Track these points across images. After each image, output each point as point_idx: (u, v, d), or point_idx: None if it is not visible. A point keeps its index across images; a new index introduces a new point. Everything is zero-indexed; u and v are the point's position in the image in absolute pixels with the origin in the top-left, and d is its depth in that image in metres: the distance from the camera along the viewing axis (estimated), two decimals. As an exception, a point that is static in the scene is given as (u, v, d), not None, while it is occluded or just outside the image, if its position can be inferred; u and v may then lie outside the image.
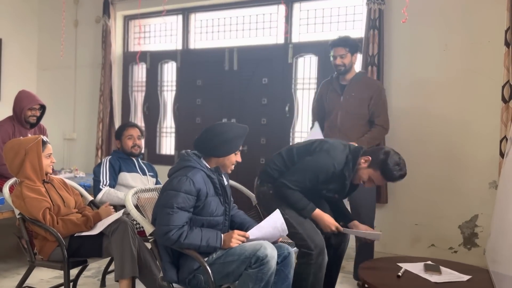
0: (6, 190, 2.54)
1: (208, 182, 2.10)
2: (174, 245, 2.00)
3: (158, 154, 4.84)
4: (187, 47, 4.65)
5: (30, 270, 2.50)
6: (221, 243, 2.03)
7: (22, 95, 3.48)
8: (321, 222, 2.34)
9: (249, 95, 4.33)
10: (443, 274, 2.10)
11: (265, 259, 1.94)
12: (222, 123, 2.21)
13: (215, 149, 2.12)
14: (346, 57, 3.01)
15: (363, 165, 2.30)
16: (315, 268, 2.26)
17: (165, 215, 1.98)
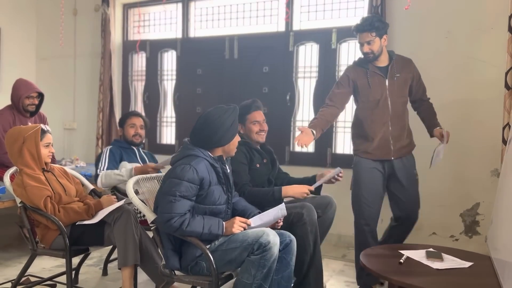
0: (7, 179, 2.54)
1: (211, 171, 2.10)
2: (176, 233, 2.00)
3: (158, 143, 4.82)
4: (187, 36, 4.62)
5: (32, 258, 2.50)
6: (223, 230, 2.03)
7: (19, 84, 3.46)
8: (292, 194, 2.43)
9: (249, 84, 4.30)
10: (445, 261, 2.10)
11: (268, 246, 1.94)
12: (215, 113, 2.15)
13: (219, 140, 2.13)
14: (374, 43, 2.67)
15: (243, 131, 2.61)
16: (310, 224, 2.31)
17: (167, 203, 1.98)
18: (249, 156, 2.53)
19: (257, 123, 2.61)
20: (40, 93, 3.50)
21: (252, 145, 2.59)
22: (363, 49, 2.74)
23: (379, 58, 2.78)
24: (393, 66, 2.78)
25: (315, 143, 4.10)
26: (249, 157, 2.52)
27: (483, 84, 3.37)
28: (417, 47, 3.58)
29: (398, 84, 2.77)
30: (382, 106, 2.77)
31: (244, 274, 1.98)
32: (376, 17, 2.80)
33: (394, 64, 2.78)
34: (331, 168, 3.07)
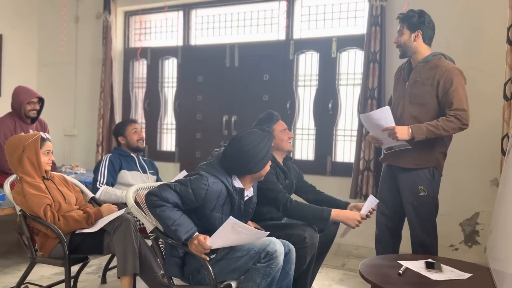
0: (7, 187, 2.54)
1: (224, 199, 2.05)
2: (149, 209, 2.00)
3: (158, 150, 4.83)
4: (188, 43, 4.64)
5: (31, 266, 2.50)
6: (188, 238, 1.95)
7: (19, 90, 3.47)
8: (344, 219, 2.30)
9: (250, 92, 4.32)
10: (444, 272, 2.09)
11: (274, 254, 1.95)
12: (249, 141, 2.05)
13: (253, 168, 2.08)
14: (403, 34, 2.59)
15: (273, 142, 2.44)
16: (311, 248, 2.27)
17: (166, 185, 2.00)
18: (275, 173, 2.47)
19: (284, 131, 2.55)
20: (40, 98, 3.52)
21: (278, 163, 2.53)
22: (394, 40, 2.69)
23: (414, 58, 2.64)
24: (416, 69, 2.60)
25: (314, 151, 4.12)
26: (275, 175, 2.47)
27: (482, 94, 3.38)
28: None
29: (417, 88, 2.57)
30: (395, 110, 2.65)
31: (248, 282, 1.98)
32: (416, 11, 2.64)
33: (419, 67, 2.59)
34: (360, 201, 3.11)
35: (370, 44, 3.66)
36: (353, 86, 3.98)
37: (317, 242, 2.30)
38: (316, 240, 2.29)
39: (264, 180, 2.37)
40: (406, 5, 3.25)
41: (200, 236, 1.94)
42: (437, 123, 2.46)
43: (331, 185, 3.78)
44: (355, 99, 3.94)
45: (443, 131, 2.46)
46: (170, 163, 4.63)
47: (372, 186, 3.66)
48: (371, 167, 3.67)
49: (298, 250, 2.20)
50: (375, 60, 3.64)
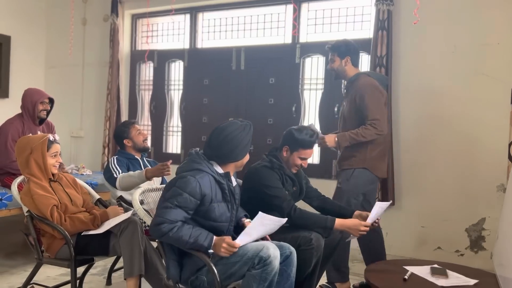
0: (15, 188, 2.56)
1: (215, 187, 2.08)
2: (163, 238, 1.99)
3: (164, 152, 4.85)
4: (194, 46, 4.66)
5: (38, 267, 2.51)
6: (210, 243, 1.98)
7: (31, 91, 3.51)
8: (347, 229, 2.34)
9: (256, 95, 4.33)
10: (450, 278, 2.08)
11: (268, 259, 1.94)
12: (228, 126, 2.12)
13: (232, 154, 2.11)
14: (334, 62, 2.98)
15: (286, 155, 2.53)
16: (316, 250, 2.27)
17: (163, 208, 1.99)
18: (281, 180, 2.48)
19: (303, 160, 2.54)
20: (51, 99, 3.56)
21: (286, 170, 2.54)
22: (328, 67, 3.08)
23: (346, 79, 3.03)
24: (346, 89, 3.06)
25: (320, 154, 4.11)
26: (281, 181, 2.48)
27: (489, 99, 3.38)
28: (423, 62, 3.60)
29: (346, 106, 2.99)
30: (339, 124, 3.10)
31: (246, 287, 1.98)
32: (342, 40, 3.05)
33: (348, 87, 3.03)
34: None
35: (376, 48, 3.65)
36: (359, 90, 3.97)
37: (322, 244, 2.30)
38: (322, 242, 2.29)
39: (269, 185, 2.37)
40: (415, 9, 3.25)
41: (226, 238, 1.98)
42: (357, 131, 2.85)
43: (336, 189, 3.78)
44: (361, 103, 3.93)
45: (362, 138, 2.83)
46: (176, 165, 4.62)
47: (378, 190, 3.65)
48: (377, 172, 3.65)
49: (304, 252, 2.20)
50: (382, 65, 3.64)
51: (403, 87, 3.67)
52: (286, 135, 2.57)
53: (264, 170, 2.46)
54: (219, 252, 1.98)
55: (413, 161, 3.64)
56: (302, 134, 2.51)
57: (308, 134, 2.50)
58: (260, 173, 2.45)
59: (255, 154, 4.35)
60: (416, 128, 3.63)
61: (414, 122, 3.63)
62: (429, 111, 3.58)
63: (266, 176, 2.43)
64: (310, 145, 2.53)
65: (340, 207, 2.62)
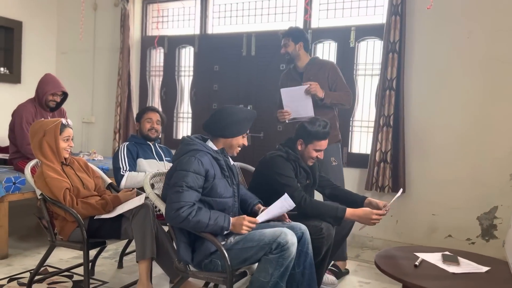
0: (28, 171, 2.60)
1: (214, 164, 2.12)
2: (183, 224, 1.99)
3: (174, 139, 4.86)
4: (205, 32, 4.63)
5: (51, 249, 2.55)
6: (229, 224, 2.03)
7: (48, 79, 3.49)
8: (358, 219, 2.34)
9: (266, 81, 4.30)
10: (461, 265, 2.07)
11: (286, 245, 1.96)
12: (231, 106, 2.24)
13: (223, 129, 2.16)
14: (289, 46, 3.17)
15: (301, 148, 2.55)
16: (327, 240, 2.28)
17: (175, 193, 1.99)
18: (295, 172, 2.49)
19: (319, 152, 2.55)
20: (65, 92, 3.55)
21: (300, 162, 2.54)
22: (281, 51, 3.23)
23: (298, 64, 3.21)
24: (306, 70, 3.18)
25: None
26: (295, 173, 2.49)
27: (503, 86, 3.32)
28: (437, 47, 3.54)
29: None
30: None
31: (261, 272, 1.99)
32: (295, 27, 3.30)
33: (308, 69, 3.18)
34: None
35: (389, 33, 3.60)
36: (371, 77, 3.93)
37: (333, 233, 2.30)
38: (333, 231, 2.29)
39: (282, 174, 2.38)
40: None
41: (246, 217, 2.06)
42: (339, 93, 3.13)
43: (346, 177, 3.73)
44: (372, 89, 3.90)
45: (341, 99, 3.14)
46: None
47: (388, 178, 3.63)
48: (388, 159, 3.63)
49: (314, 240, 2.21)
50: (395, 50, 3.58)
51: (416, 73, 3.61)
52: (299, 129, 2.58)
53: (279, 159, 2.48)
54: (240, 230, 2.03)
55: (424, 148, 3.60)
56: (315, 126, 2.53)
57: (321, 126, 2.53)
58: (275, 162, 2.47)
59: (264, 140, 4.36)
60: (428, 115, 3.58)
61: (426, 109, 3.58)
62: (442, 97, 3.53)
63: (280, 165, 2.45)
64: (324, 136, 2.54)
65: (351, 195, 2.63)
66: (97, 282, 2.83)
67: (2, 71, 4.79)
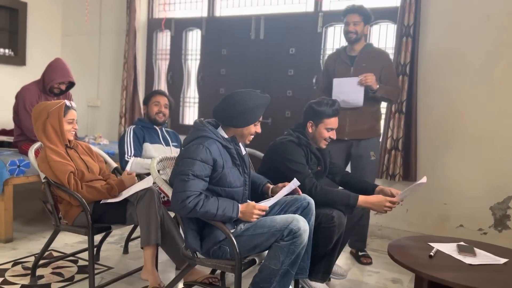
0: (32, 154, 2.54)
1: (224, 153, 2.03)
2: (190, 214, 1.92)
3: (181, 124, 4.79)
4: (212, 15, 4.52)
5: (55, 234, 2.51)
6: (237, 213, 1.97)
7: (56, 66, 3.36)
8: (371, 206, 2.26)
9: (275, 66, 4.20)
10: (477, 256, 2.00)
11: (298, 232, 1.90)
12: (242, 91, 2.08)
13: (234, 118, 2.04)
14: (359, 25, 3.00)
15: (312, 130, 2.48)
16: (338, 228, 2.21)
17: (181, 182, 1.92)
18: (306, 158, 2.42)
19: (331, 131, 2.46)
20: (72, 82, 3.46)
21: (312, 147, 2.46)
22: (349, 28, 3.02)
23: (355, 46, 3.06)
24: (361, 55, 3.02)
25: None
26: (306, 159, 2.41)
27: (522, 72, 3.20)
28: (454, 32, 3.41)
29: (363, 73, 2.93)
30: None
31: (272, 260, 1.93)
32: (367, 9, 3.07)
33: (362, 55, 3.02)
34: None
35: (403, 17, 3.47)
36: (383, 62, 3.82)
37: (344, 221, 2.23)
38: (344, 220, 2.23)
39: (293, 160, 2.30)
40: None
41: (256, 205, 2.00)
42: (391, 88, 3.01)
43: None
44: (385, 75, 3.78)
45: (391, 96, 3.04)
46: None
47: (399, 166, 3.55)
48: (399, 146, 3.54)
49: (325, 229, 2.14)
50: (408, 34, 3.47)
51: (430, 58, 3.50)
52: (307, 111, 2.50)
53: (290, 144, 2.40)
54: (250, 219, 1.97)
55: (437, 136, 3.51)
56: (323, 104, 2.44)
57: (328, 104, 2.44)
58: (285, 147, 2.38)
59: (272, 127, 4.27)
60: (442, 101, 3.47)
61: (440, 95, 3.47)
62: (457, 83, 3.42)
63: (291, 151, 2.37)
64: (335, 113, 2.45)
65: (362, 182, 2.55)
66: (102, 267, 2.79)
67: (7, 53, 4.72)
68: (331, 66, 3.15)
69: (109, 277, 2.64)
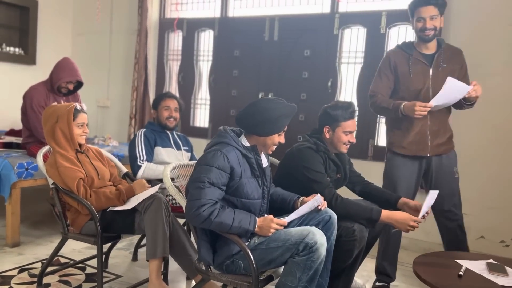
0: (40, 158, 2.46)
1: (243, 162, 1.94)
2: (204, 224, 1.83)
3: (191, 126, 4.70)
4: (225, 15, 4.42)
5: (63, 242, 2.43)
6: (254, 226, 1.87)
7: (65, 65, 3.30)
8: (394, 223, 2.13)
9: (289, 68, 4.09)
10: (509, 276, 1.88)
11: (314, 246, 1.78)
12: (269, 99, 2.00)
13: (256, 126, 1.96)
14: (436, 19, 2.48)
15: (329, 135, 2.34)
16: (359, 242, 2.10)
17: (196, 189, 1.84)
18: (325, 165, 2.30)
19: (349, 134, 2.33)
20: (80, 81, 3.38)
21: (330, 154, 2.35)
22: (426, 25, 2.48)
23: (429, 44, 2.57)
24: (440, 54, 2.56)
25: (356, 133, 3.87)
26: (325, 166, 2.30)
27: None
28: (475, 37, 3.28)
29: (443, 75, 2.48)
30: (423, 98, 2.52)
31: (288, 276, 1.83)
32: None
33: (442, 53, 2.56)
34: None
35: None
36: (402, 65, 3.69)
37: (366, 235, 2.11)
38: (366, 233, 2.11)
39: (311, 169, 2.19)
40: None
41: (274, 219, 1.90)
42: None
43: (372, 170, 3.54)
44: (403, 79, 3.66)
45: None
46: (203, 140, 4.49)
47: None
48: (418, 153, 3.40)
49: (346, 243, 2.03)
50: (430, 38, 3.33)
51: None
52: (322, 116, 2.37)
53: (309, 151, 2.27)
54: (267, 233, 1.87)
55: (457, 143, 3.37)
56: (338, 108, 2.32)
57: (344, 107, 2.32)
58: (304, 154, 2.26)
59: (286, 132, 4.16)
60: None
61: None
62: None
63: (309, 158, 2.25)
64: (351, 115, 2.32)
65: (384, 193, 2.42)
66: (110, 275, 2.71)
67: (17, 51, 4.66)
68: (403, 66, 2.60)
69: (118, 286, 2.55)
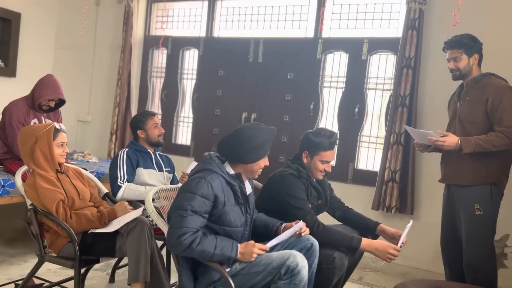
0: (19, 178, 2.41)
1: (227, 190, 1.95)
2: (185, 252, 1.82)
3: (174, 143, 4.69)
4: (211, 35, 4.47)
5: (39, 264, 2.37)
6: (236, 253, 1.87)
7: (47, 83, 3.22)
8: (374, 251, 2.16)
9: (272, 90, 4.14)
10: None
11: (296, 269, 1.80)
12: (251, 127, 2.02)
13: (243, 156, 1.98)
14: (460, 61, 2.58)
15: (307, 161, 2.38)
16: (339, 270, 2.12)
17: (178, 217, 1.83)
18: (307, 192, 2.33)
19: (326, 164, 2.37)
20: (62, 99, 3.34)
21: (312, 181, 2.38)
22: (449, 65, 2.66)
23: (467, 79, 2.65)
24: (466, 89, 2.63)
25: (336, 155, 3.94)
26: (306, 193, 2.33)
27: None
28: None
29: (467, 107, 2.59)
30: (449, 127, 2.73)
31: None
32: (466, 35, 2.63)
33: (468, 87, 2.62)
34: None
35: (405, 48, 3.46)
36: (382, 91, 3.80)
37: (346, 263, 2.14)
38: (346, 261, 2.14)
39: (293, 195, 2.22)
40: (455, 10, 3.05)
41: (256, 244, 1.89)
42: (486, 137, 2.45)
43: (351, 193, 3.62)
44: (383, 105, 3.76)
45: (491, 146, 2.44)
46: (185, 157, 4.48)
47: (396, 198, 3.49)
48: (397, 178, 3.48)
49: (326, 270, 2.05)
50: (409, 66, 3.44)
51: (431, 91, 3.48)
52: (304, 141, 2.41)
53: (291, 178, 2.30)
54: (250, 259, 1.86)
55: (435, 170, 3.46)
56: (320, 136, 2.36)
57: (326, 136, 2.36)
58: (286, 181, 2.29)
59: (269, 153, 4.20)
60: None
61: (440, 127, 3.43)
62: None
63: (291, 185, 2.28)
64: (331, 146, 2.37)
65: (363, 219, 2.47)
66: (86, 298, 2.65)
67: (-3, 63, 4.59)
68: (449, 104, 2.83)
69: (94, 309, 2.50)
